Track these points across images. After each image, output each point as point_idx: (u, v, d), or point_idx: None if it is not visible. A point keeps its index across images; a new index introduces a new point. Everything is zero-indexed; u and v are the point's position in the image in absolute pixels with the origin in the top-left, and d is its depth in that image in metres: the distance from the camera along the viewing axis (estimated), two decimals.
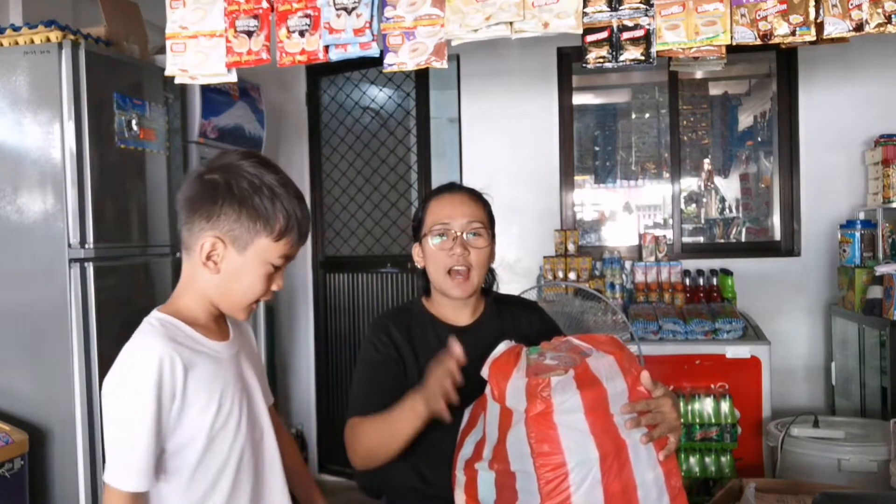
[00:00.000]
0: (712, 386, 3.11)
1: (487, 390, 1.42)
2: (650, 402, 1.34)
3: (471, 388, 1.44)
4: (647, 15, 1.92)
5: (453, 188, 1.74)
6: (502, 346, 1.45)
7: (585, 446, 1.26)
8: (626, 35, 1.93)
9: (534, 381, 1.30)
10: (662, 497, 1.31)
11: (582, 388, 1.29)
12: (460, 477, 1.45)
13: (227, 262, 1.26)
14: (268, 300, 1.32)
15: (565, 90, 4.03)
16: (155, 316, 1.28)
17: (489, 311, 1.74)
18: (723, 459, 3.07)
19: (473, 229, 1.65)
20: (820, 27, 1.89)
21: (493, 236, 1.72)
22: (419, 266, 1.73)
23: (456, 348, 1.44)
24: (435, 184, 3.98)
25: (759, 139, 4.82)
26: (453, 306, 1.71)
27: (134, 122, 2.72)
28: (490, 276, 1.76)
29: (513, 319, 1.74)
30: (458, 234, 1.64)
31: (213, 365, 1.27)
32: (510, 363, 1.39)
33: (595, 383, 1.31)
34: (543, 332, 1.70)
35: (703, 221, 5.10)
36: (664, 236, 3.88)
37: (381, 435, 1.52)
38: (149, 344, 1.21)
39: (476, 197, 1.72)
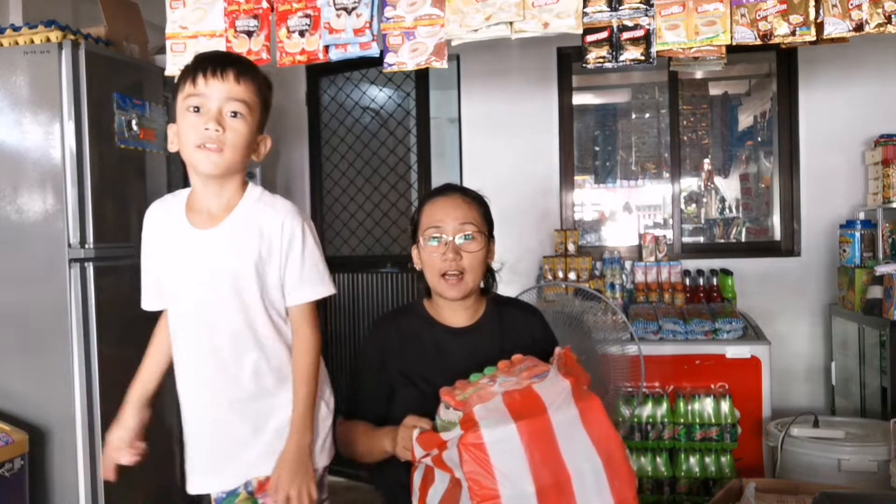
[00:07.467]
0: (712, 386, 3.11)
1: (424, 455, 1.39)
2: None
3: None
4: (647, 15, 1.92)
5: (447, 190, 1.71)
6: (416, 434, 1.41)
7: (521, 477, 1.22)
8: (626, 35, 1.94)
9: (465, 417, 1.28)
10: None
11: (519, 417, 1.25)
12: None
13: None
14: (212, 146, 1.45)
15: (565, 90, 4.03)
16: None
17: (489, 312, 1.72)
18: (723, 459, 3.07)
19: (466, 233, 1.63)
20: (820, 27, 1.89)
21: (490, 237, 1.70)
22: (418, 268, 1.71)
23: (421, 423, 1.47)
24: (435, 184, 3.98)
25: (759, 139, 4.82)
26: (451, 308, 1.69)
27: (134, 122, 2.72)
28: (490, 276, 1.74)
29: (512, 322, 1.72)
30: (450, 238, 1.62)
31: (176, 232, 1.52)
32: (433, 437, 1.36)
33: (538, 412, 1.27)
34: (540, 339, 1.71)
35: (703, 221, 5.09)
36: (664, 236, 3.87)
37: (361, 448, 1.66)
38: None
39: (470, 198, 1.69)
